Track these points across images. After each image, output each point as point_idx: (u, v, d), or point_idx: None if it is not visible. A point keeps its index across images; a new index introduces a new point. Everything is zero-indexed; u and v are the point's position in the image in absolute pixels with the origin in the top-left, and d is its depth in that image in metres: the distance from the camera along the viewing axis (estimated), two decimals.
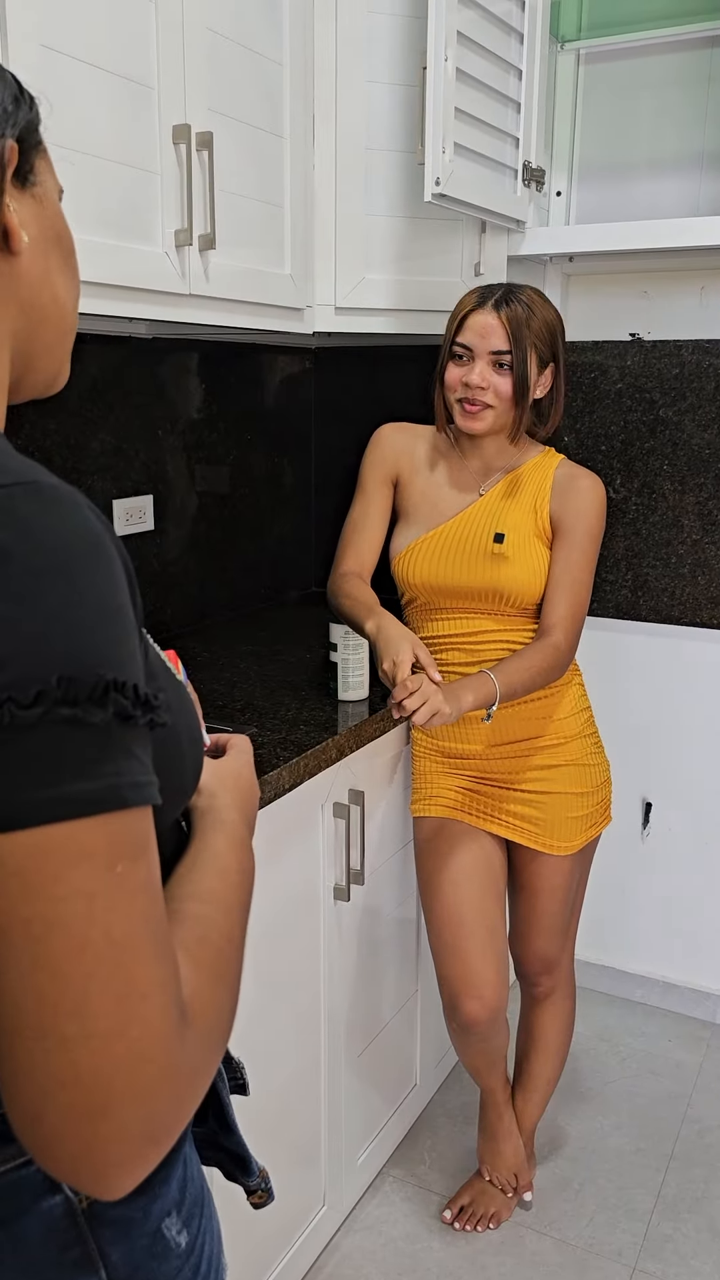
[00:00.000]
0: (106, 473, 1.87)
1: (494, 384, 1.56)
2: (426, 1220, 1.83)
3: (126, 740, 0.50)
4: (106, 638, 0.50)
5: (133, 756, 0.50)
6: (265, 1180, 0.85)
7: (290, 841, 1.48)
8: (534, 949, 1.77)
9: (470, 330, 1.56)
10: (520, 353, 1.54)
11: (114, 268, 1.37)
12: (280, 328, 1.78)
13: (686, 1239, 1.80)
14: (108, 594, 0.50)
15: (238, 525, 2.27)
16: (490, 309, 1.55)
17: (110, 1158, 0.49)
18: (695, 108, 2.06)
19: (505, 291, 1.56)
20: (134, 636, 0.52)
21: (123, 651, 0.50)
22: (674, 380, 2.16)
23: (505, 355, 1.55)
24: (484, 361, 1.56)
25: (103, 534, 0.52)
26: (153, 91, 1.40)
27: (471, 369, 1.57)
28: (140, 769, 0.51)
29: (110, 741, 0.49)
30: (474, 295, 1.58)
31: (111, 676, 0.49)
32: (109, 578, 0.51)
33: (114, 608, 0.51)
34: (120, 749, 0.50)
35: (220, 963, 0.58)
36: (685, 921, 2.39)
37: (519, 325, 1.54)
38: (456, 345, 1.58)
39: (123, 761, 0.50)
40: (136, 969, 0.49)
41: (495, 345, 1.55)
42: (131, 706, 0.49)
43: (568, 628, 1.61)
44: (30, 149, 0.62)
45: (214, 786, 0.71)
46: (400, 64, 1.78)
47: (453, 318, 1.59)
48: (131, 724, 0.50)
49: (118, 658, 0.50)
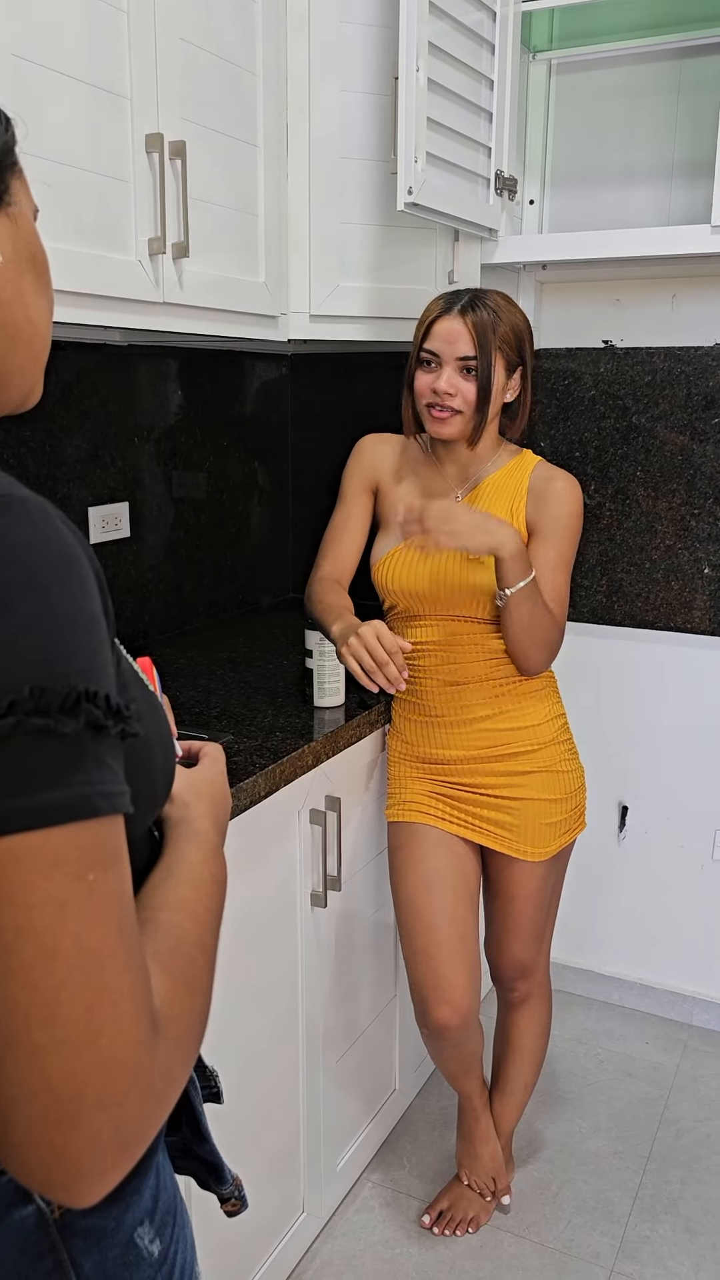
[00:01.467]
0: (82, 480, 1.87)
1: (461, 390, 1.57)
2: (405, 1225, 1.84)
3: (98, 750, 0.50)
4: (79, 648, 0.50)
5: (104, 766, 0.51)
6: (239, 1188, 0.85)
7: (267, 848, 1.49)
8: (509, 954, 1.78)
9: (437, 337, 1.57)
10: (485, 359, 1.55)
11: (88, 276, 1.37)
12: (255, 335, 1.79)
13: (663, 1240, 1.81)
14: (80, 605, 0.51)
15: (214, 532, 2.27)
16: (456, 315, 1.56)
17: (82, 1166, 0.49)
18: (665, 118, 2.09)
19: (471, 297, 1.57)
20: (106, 647, 0.53)
21: (95, 662, 0.51)
22: (646, 387, 2.18)
23: (472, 361, 1.56)
24: (451, 367, 1.57)
25: (74, 545, 0.52)
26: (126, 101, 1.40)
27: (439, 375, 1.57)
28: (112, 778, 0.51)
29: (82, 751, 0.50)
30: (440, 301, 1.59)
31: (84, 687, 0.49)
32: (81, 588, 0.51)
33: (86, 618, 0.51)
34: (92, 758, 0.50)
35: (192, 972, 0.58)
36: (661, 924, 2.41)
37: (484, 331, 1.55)
38: (424, 352, 1.59)
39: (94, 771, 0.50)
40: (108, 977, 0.49)
41: (461, 351, 1.56)
42: (103, 716, 0.50)
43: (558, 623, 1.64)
44: (5, 169, 0.62)
45: (187, 796, 0.71)
46: (373, 73, 1.79)
47: (420, 324, 1.60)
48: (103, 734, 0.50)
49: (90, 668, 0.50)
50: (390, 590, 1.70)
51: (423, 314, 1.61)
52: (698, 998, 2.40)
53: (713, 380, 2.12)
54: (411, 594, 1.68)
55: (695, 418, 2.15)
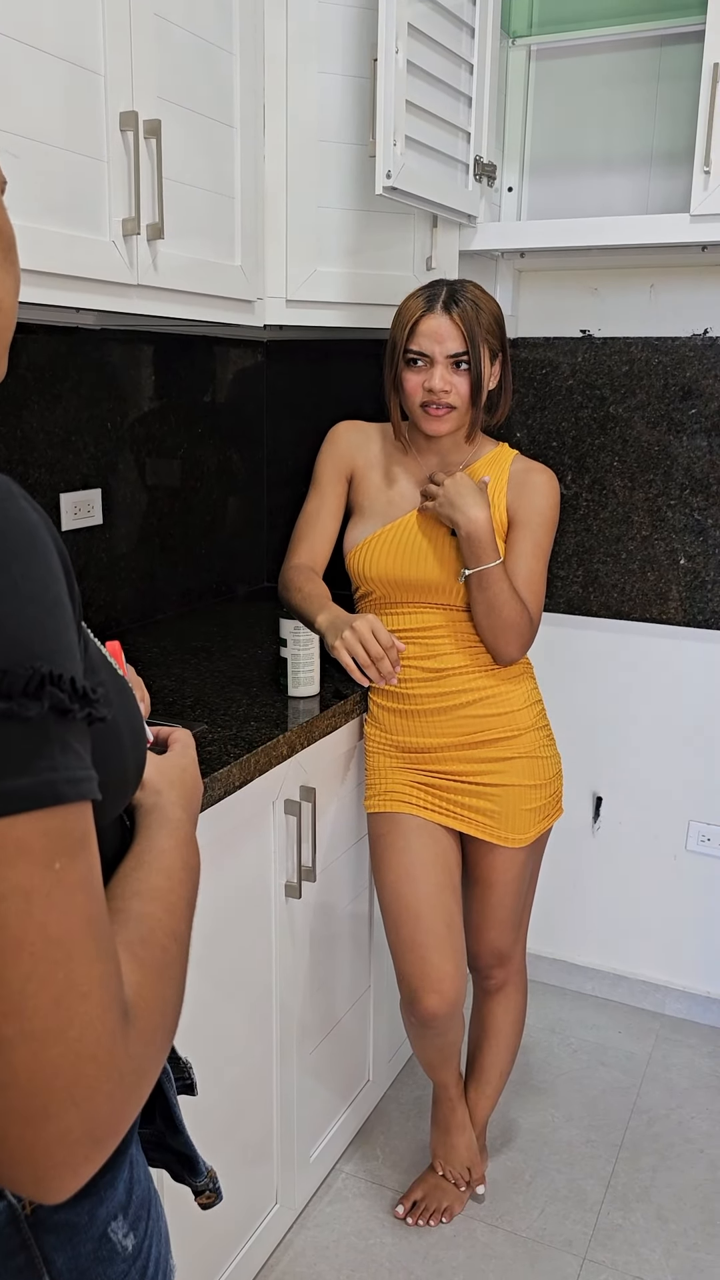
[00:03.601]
0: (54, 466, 1.84)
1: (455, 386, 1.58)
2: (380, 1215, 1.83)
3: (63, 734, 0.49)
4: (42, 630, 0.48)
5: (70, 751, 0.49)
6: (213, 1181, 0.84)
7: (241, 839, 1.47)
8: (487, 942, 1.78)
9: (424, 336, 1.56)
10: (475, 352, 1.56)
11: (60, 257, 1.34)
12: (231, 320, 1.77)
13: (635, 1228, 1.82)
14: (44, 585, 0.49)
15: (188, 520, 2.25)
16: (441, 312, 1.55)
17: (52, 1161, 0.48)
18: (645, 106, 2.08)
19: (449, 291, 1.57)
20: (71, 629, 0.51)
21: (59, 644, 0.49)
22: (624, 377, 2.18)
23: (463, 356, 1.56)
24: (442, 365, 1.57)
25: (38, 524, 0.51)
26: (99, 77, 1.38)
27: (431, 374, 1.57)
28: (78, 764, 0.50)
29: (46, 736, 0.48)
30: (420, 300, 1.58)
31: (47, 669, 0.48)
32: (45, 569, 0.50)
33: (50, 599, 0.49)
34: (57, 743, 0.48)
35: (165, 961, 0.57)
36: (635, 914, 2.41)
37: (471, 325, 1.55)
38: (410, 352, 1.58)
39: (59, 756, 0.48)
40: (75, 968, 0.48)
41: (452, 349, 1.56)
42: (69, 700, 0.48)
43: (530, 612, 1.65)
44: None
45: (158, 783, 0.70)
46: (352, 55, 1.77)
47: (401, 325, 1.59)
48: (69, 718, 0.49)
49: (54, 650, 0.49)
50: (367, 578, 1.69)
51: (401, 313, 1.60)
52: (670, 987, 2.41)
53: (690, 371, 2.12)
54: (389, 581, 1.67)
55: (672, 408, 2.15)
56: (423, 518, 1.67)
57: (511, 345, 2.24)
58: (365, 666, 1.59)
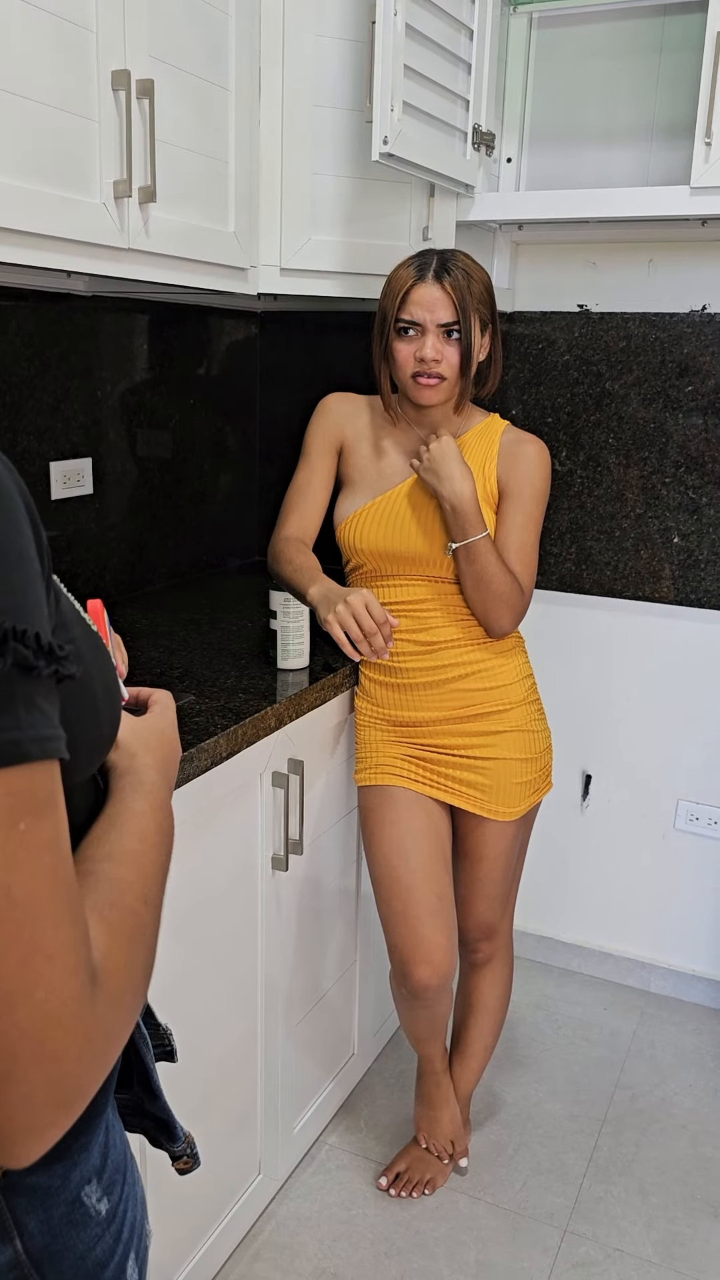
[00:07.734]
0: (43, 434, 1.82)
1: (446, 355, 1.57)
2: (363, 1187, 1.84)
3: (28, 691, 0.48)
4: (7, 585, 0.47)
5: (35, 709, 0.48)
6: (191, 1146, 0.84)
7: (228, 811, 1.47)
8: (475, 915, 1.78)
9: (416, 305, 1.55)
10: (466, 322, 1.55)
11: (49, 218, 1.32)
12: (223, 288, 1.74)
13: (616, 1201, 1.83)
14: (7, 539, 0.48)
15: (179, 491, 2.23)
16: (432, 281, 1.54)
17: (17, 1125, 0.47)
18: (647, 77, 2.05)
19: (440, 261, 1.55)
20: (38, 583, 0.50)
21: (25, 600, 0.48)
22: (620, 353, 2.16)
23: (454, 325, 1.55)
24: (434, 334, 1.55)
25: (4, 476, 0.49)
26: (91, 34, 1.35)
27: (423, 343, 1.56)
28: (44, 722, 0.48)
29: (10, 693, 0.47)
30: (410, 269, 1.56)
31: (10, 625, 0.46)
32: (9, 521, 0.48)
33: (15, 553, 0.48)
34: (21, 700, 0.47)
35: (134, 924, 0.56)
36: (621, 892, 2.42)
37: (463, 294, 1.54)
38: (401, 321, 1.56)
39: (24, 714, 0.47)
40: (41, 930, 0.47)
41: (443, 318, 1.54)
42: (33, 656, 0.47)
43: (522, 584, 1.64)
44: None
45: (134, 745, 0.69)
46: (350, 18, 1.74)
47: (392, 294, 1.57)
48: (34, 675, 0.48)
49: (19, 606, 0.47)
50: (358, 550, 1.68)
51: (391, 282, 1.58)
52: (655, 965, 2.42)
53: (687, 347, 2.10)
54: (380, 553, 1.67)
55: (669, 385, 2.13)
56: (413, 490, 1.66)
57: (508, 320, 2.22)
58: (358, 641, 1.58)
